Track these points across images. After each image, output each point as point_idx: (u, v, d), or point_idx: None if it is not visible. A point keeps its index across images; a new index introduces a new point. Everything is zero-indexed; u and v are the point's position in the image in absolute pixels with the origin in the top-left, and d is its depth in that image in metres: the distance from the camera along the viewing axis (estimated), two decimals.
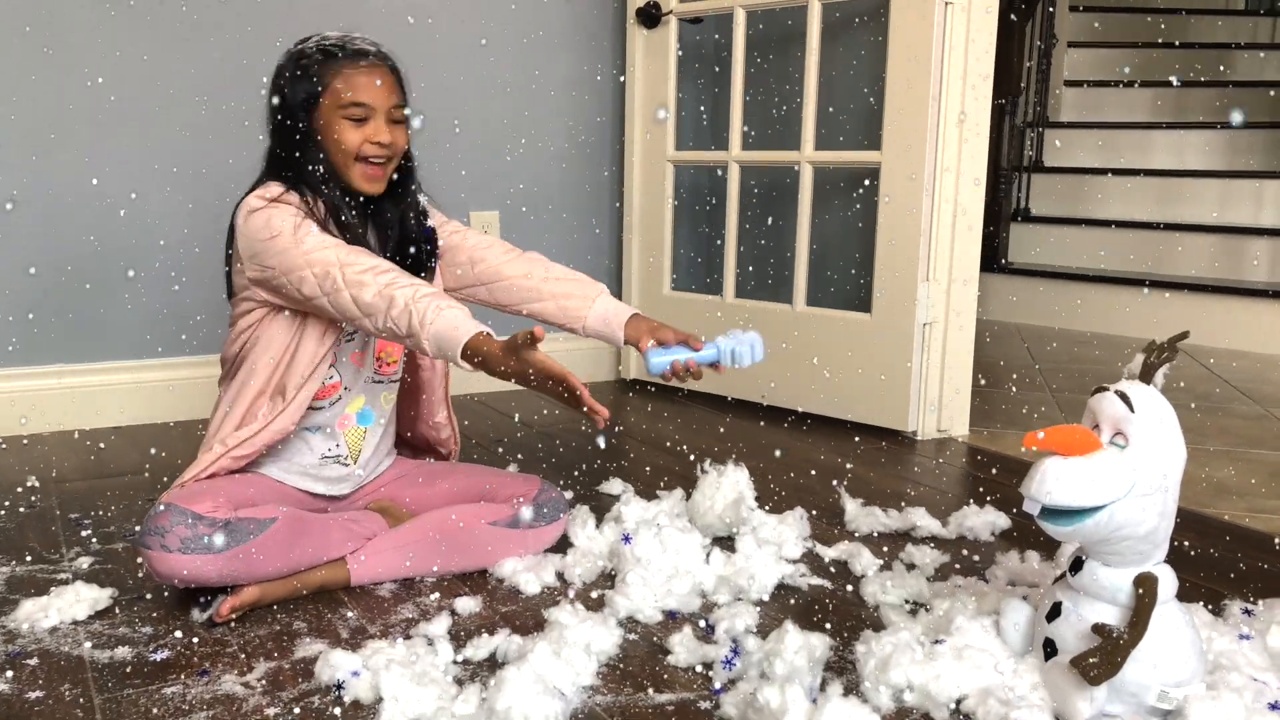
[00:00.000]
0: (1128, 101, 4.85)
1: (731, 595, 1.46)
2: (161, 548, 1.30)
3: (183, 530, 1.30)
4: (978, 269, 2.40)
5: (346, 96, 1.44)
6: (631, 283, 2.87)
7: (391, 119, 1.47)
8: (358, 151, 1.45)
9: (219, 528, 1.32)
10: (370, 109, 1.45)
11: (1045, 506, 1.10)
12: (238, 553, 1.33)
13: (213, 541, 1.31)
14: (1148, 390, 1.12)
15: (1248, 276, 3.93)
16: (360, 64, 1.45)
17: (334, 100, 1.44)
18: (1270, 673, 1.20)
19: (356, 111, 1.44)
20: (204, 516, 1.32)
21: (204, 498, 1.36)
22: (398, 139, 1.48)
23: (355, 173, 1.46)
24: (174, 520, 1.31)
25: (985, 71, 2.30)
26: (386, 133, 1.46)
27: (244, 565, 1.34)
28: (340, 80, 1.44)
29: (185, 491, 1.39)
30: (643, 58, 2.76)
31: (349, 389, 1.55)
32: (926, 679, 1.15)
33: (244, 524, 1.35)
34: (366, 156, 1.46)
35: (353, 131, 1.45)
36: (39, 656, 1.26)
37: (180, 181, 2.37)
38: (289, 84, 1.46)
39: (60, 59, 2.24)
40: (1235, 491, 2.04)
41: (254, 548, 1.34)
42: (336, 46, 1.47)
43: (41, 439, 2.25)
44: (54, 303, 2.30)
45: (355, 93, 1.44)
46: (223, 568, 1.33)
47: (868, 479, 2.07)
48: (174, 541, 1.30)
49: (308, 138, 1.45)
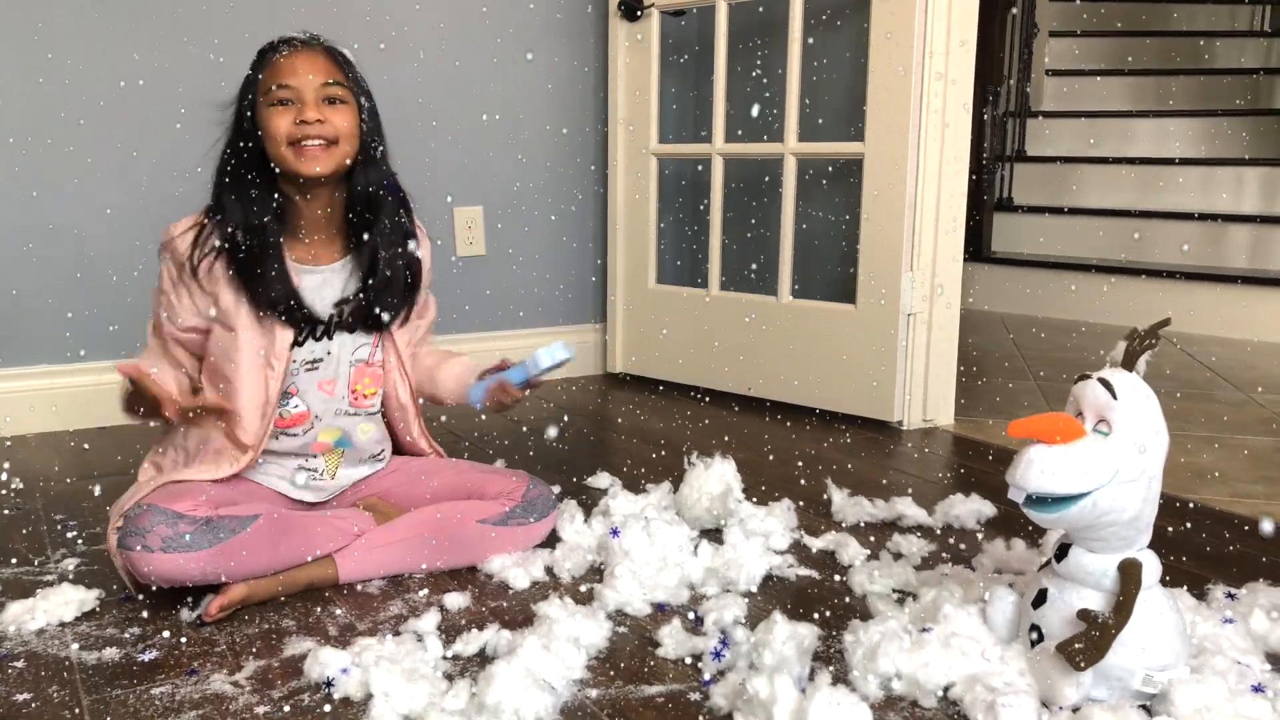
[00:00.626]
0: (1108, 90, 4.87)
1: (720, 587, 1.46)
2: (143, 548, 1.29)
3: (164, 529, 1.30)
4: (961, 258, 2.41)
5: (269, 83, 1.42)
6: (616, 277, 2.87)
7: (324, 98, 1.43)
8: (288, 135, 1.41)
9: (200, 525, 1.32)
10: (295, 90, 1.41)
11: (1030, 494, 1.10)
12: (220, 550, 1.33)
13: (195, 540, 1.31)
14: (1130, 377, 1.13)
15: (1229, 263, 3.95)
16: (284, 50, 1.44)
17: (263, 92, 1.43)
18: (1253, 655, 1.21)
19: (281, 94, 1.41)
20: (184, 515, 1.32)
21: (185, 497, 1.35)
22: (333, 118, 1.42)
23: (290, 158, 1.42)
24: (154, 520, 1.31)
25: (967, 61, 2.30)
26: (314, 111, 1.41)
27: (227, 563, 1.34)
28: (267, 71, 1.43)
29: (165, 492, 1.38)
30: (625, 51, 2.75)
31: (319, 418, 1.52)
32: (914, 667, 1.16)
33: (225, 521, 1.34)
34: (298, 138, 1.41)
35: (282, 116, 1.41)
36: (26, 659, 1.25)
37: (165, 180, 2.35)
38: (238, 97, 1.47)
39: (45, 60, 2.22)
40: (1218, 477, 2.06)
41: (236, 545, 1.34)
42: (270, 43, 1.47)
43: (25, 440, 2.24)
44: (34, 303, 2.28)
45: (277, 78, 1.42)
46: (205, 565, 1.32)
47: (854, 469, 2.08)
48: (155, 541, 1.30)
49: (249, 140, 1.44)
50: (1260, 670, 1.19)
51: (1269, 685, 1.14)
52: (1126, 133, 4.60)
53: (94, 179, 2.30)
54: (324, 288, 1.50)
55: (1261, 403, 2.70)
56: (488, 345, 2.80)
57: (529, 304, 2.87)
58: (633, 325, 2.87)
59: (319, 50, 1.46)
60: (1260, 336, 3.61)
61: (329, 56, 1.46)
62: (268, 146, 1.43)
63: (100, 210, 2.31)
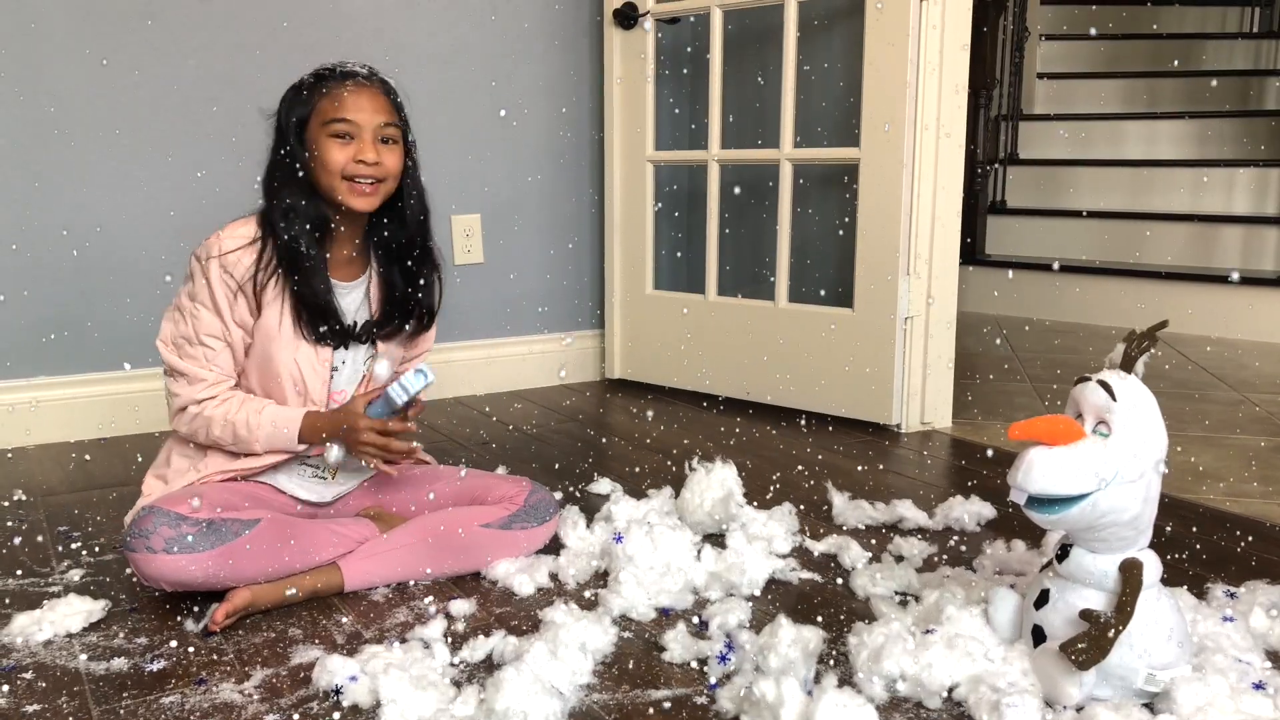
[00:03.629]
0: (1100, 93, 4.90)
1: (723, 591, 1.47)
2: (146, 549, 1.31)
3: (167, 530, 1.32)
4: (957, 262, 2.42)
5: (330, 114, 1.44)
6: (614, 283, 2.88)
7: (380, 138, 1.46)
8: (343, 170, 1.44)
9: (203, 527, 1.34)
10: (355, 126, 1.44)
11: (1031, 495, 1.12)
12: (223, 551, 1.34)
13: (197, 541, 1.33)
14: (1129, 379, 1.14)
15: (1221, 264, 3.98)
16: (347, 83, 1.46)
17: (320, 119, 1.45)
18: (1254, 653, 1.23)
19: (340, 127, 1.44)
20: (187, 517, 1.34)
21: (187, 500, 1.37)
22: (386, 159, 1.47)
23: (343, 190, 1.46)
24: (157, 522, 1.33)
25: (961, 65, 2.32)
26: (372, 151, 1.45)
27: (230, 566, 1.35)
28: (328, 100, 1.45)
29: (169, 495, 1.40)
30: (620, 58, 2.77)
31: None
32: (918, 668, 1.17)
33: (228, 523, 1.36)
34: (353, 175, 1.45)
35: (339, 150, 1.44)
36: (34, 670, 1.26)
37: (162, 192, 2.36)
38: (284, 110, 1.48)
39: (38, 68, 2.23)
40: (1214, 476, 2.07)
41: (239, 546, 1.35)
42: (328, 69, 1.48)
43: (26, 452, 2.24)
44: (36, 316, 2.28)
45: (339, 110, 1.44)
46: (208, 568, 1.33)
47: (854, 473, 2.09)
48: (158, 542, 1.31)
49: (299, 161, 1.46)
50: (1261, 668, 1.20)
51: (1270, 682, 1.16)
52: (1118, 135, 4.62)
53: (92, 188, 2.30)
54: (349, 301, 1.55)
55: (1256, 402, 2.71)
56: (486, 353, 2.81)
57: (527, 311, 2.88)
58: (631, 331, 2.88)
59: (379, 88, 1.49)
60: (1253, 336, 3.63)
61: (387, 96, 1.49)
62: (319, 173, 1.46)
63: (99, 220, 2.31)
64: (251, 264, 1.45)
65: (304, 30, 2.46)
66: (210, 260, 1.45)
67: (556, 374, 2.92)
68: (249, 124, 2.42)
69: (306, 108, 1.46)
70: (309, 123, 1.46)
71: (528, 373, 2.88)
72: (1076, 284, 4.06)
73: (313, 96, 1.46)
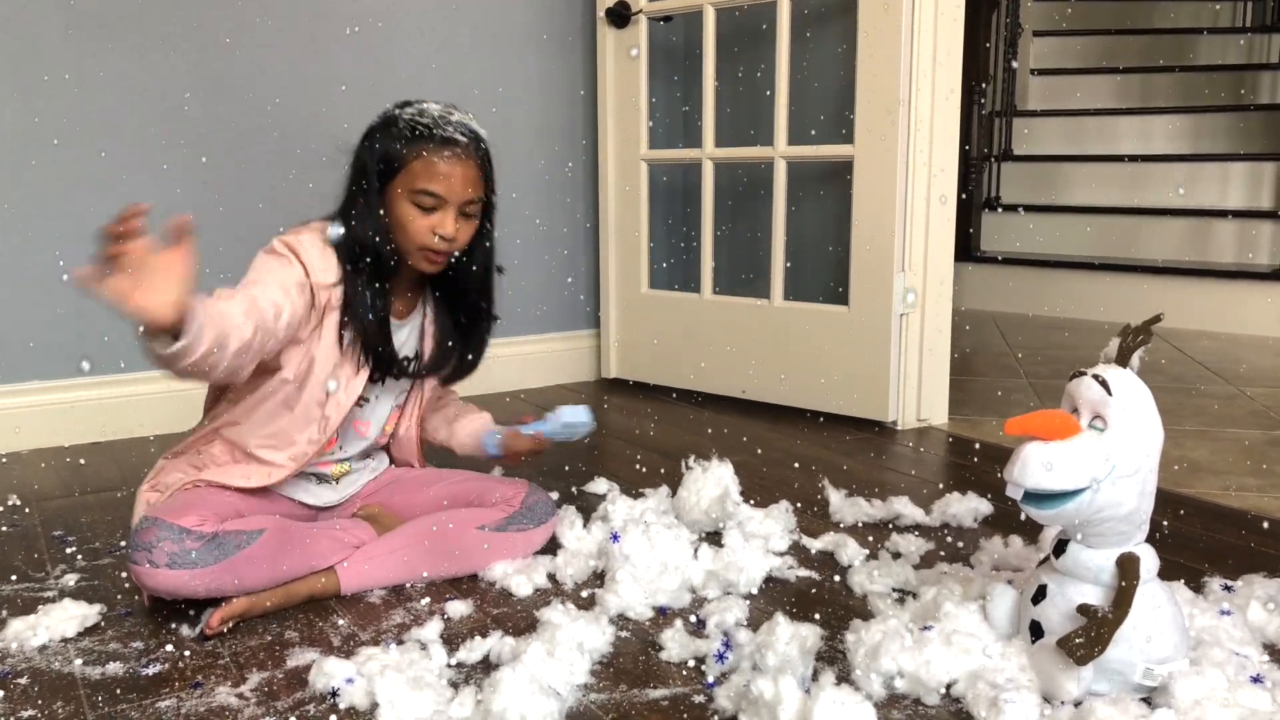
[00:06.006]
0: (1093, 88, 4.90)
1: (721, 589, 1.47)
2: (149, 563, 1.30)
3: (170, 545, 1.30)
4: (952, 258, 2.42)
5: (420, 183, 1.41)
6: (609, 282, 2.88)
7: (464, 212, 1.44)
8: (420, 241, 1.42)
9: (206, 541, 1.32)
10: (442, 200, 1.42)
11: (1028, 491, 1.11)
12: (226, 566, 1.33)
13: (200, 556, 1.31)
14: (1124, 373, 1.14)
15: (1215, 258, 3.98)
16: (444, 153, 1.41)
17: (408, 182, 1.41)
18: (1251, 646, 1.23)
19: (427, 201, 1.41)
20: (191, 530, 1.32)
21: (190, 511, 1.35)
22: (463, 234, 1.45)
23: (414, 255, 1.44)
24: (161, 535, 1.31)
25: (954, 62, 2.32)
26: (453, 226, 1.42)
27: (232, 578, 1.34)
28: (421, 164, 1.41)
29: (171, 504, 1.38)
30: (614, 57, 2.76)
31: (343, 448, 1.58)
32: (916, 665, 1.17)
33: (231, 536, 1.35)
34: (427, 245, 1.43)
35: (420, 219, 1.42)
36: (29, 675, 1.25)
37: (152, 193, 2.35)
38: (373, 147, 1.44)
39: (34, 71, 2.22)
40: (1210, 470, 2.07)
41: (242, 559, 1.34)
42: (429, 126, 1.42)
43: (19, 457, 2.23)
44: (27, 318, 2.28)
45: (430, 182, 1.41)
46: (210, 581, 1.33)
47: (850, 470, 2.09)
48: (161, 557, 1.30)
49: (378, 203, 1.43)
50: (1258, 661, 1.20)
51: (1267, 676, 1.16)
52: (1112, 130, 4.63)
53: (83, 192, 2.29)
54: (399, 337, 1.54)
55: (1251, 395, 2.72)
56: None
57: (523, 312, 2.88)
58: (626, 331, 2.88)
59: (474, 159, 1.44)
60: (1248, 330, 3.64)
61: (481, 168, 1.46)
62: (395, 231, 1.43)
63: (91, 223, 2.30)
64: (331, 284, 1.42)
65: (295, 30, 2.45)
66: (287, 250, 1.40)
67: (552, 374, 2.92)
68: (241, 124, 2.42)
69: (397, 162, 1.42)
70: (395, 177, 1.42)
71: (524, 373, 2.87)
72: (1071, 279, 4.07)
73: (406, 153, 1.42)
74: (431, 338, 1.59)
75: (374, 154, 1.43)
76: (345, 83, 2.51)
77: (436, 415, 1.73)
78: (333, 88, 2.50)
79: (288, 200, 2.48)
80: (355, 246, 1.42)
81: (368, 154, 1.44)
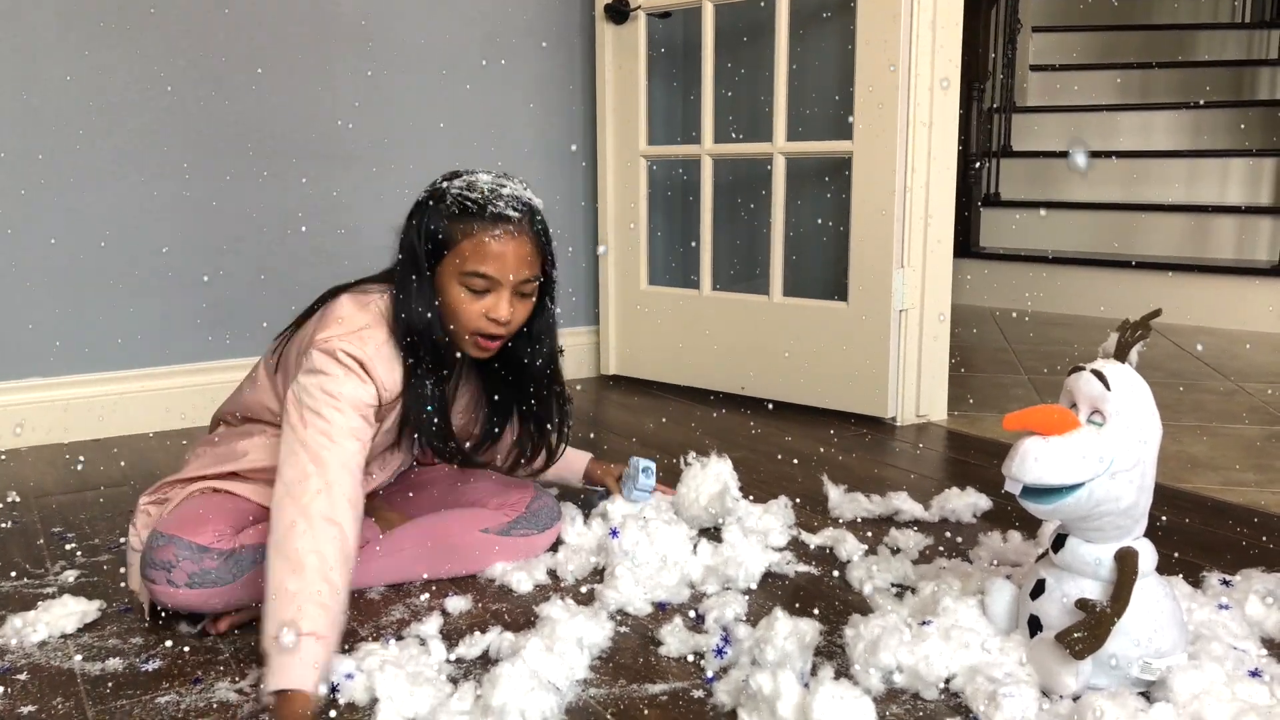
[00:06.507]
0: (1092, 84, 4.90)
1: (719, 585, 1.47)
2: (168, 583, 1.29)
3: (189, 565, 1.29)
4: (951, 254, 2.42)
5: (470, 265, 1.31)
6: (609, 279, 2.88)
7: (519, 292, 1.35)
8: (474, 327, 1.34)
9: (224, 558, 1.30)
10: (494, 282, 1.33)
11: (1026, 486, 1.11)
12: (244, 582, 1.31)
13: (220, 575, 1.30)
14: (1123, 368, 1.14)
15: (1215, 254, 3.98)
16: (495, 231, 1.32)
17: (458, 263, 1.32)
18: (1249, 641, 1.23)
19: (479, 283, 1.32)
20: (209, 549, 1.29)
21: (206, 527, 1.32)
22: (518, 314, 1.36)
23: (466, 342, 1.36)
24: (180, 555, 1.29)
25: (953, 58, 2.32)
26: (507, 309, 1.33)
27: (250, 592, 1.32)
28: (470, 244, 1.31)
29: (185, 518, 1.33)
30: (612, 53, 2.76)
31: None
32: (915, 660, 1.17)
33: (248, 552, 1.32)
34: (479, 330, 1.35)
35: (471, 303, 1.33)
36: (29, 671, 1.25)
37: (152, 192, 2.35)
38: (420, 226, 1.34)
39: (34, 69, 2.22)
40: (1209, 465, 2.07)
41: (259, 575, 1.31)
42: (478, 203, 1.33)
43: (19, 454, 2.23)
44: (27, 316, 2.28)
45: (481, 264, 1.31)
46: (229, 597, 1.32)
47: (849, 465, 2.09)
48: (180, 576, 1.28)
49: (429, 283, 1.34)
50: (1257, 655, 1.20)
51: (1265, 670, 1.16)
52: (1111, 126, 4.63)
53: (81, 189, 2.29)
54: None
55: (1250, 391, 2.72)
56: None
57: None
58: (626, 327, 2.88)
59: (528, 235, 1.34)
60: (1247, 326, 3.64)
61: (536, 244, 1.36)
62: (446, 315, 1.35)
63: (92, 222, 2.31)
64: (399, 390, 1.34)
65: (290, 28, 2.45)
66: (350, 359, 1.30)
67: None
68: (237, 126, 2.42)
69: (445, 242, 1.33)
70: (443, 259, 1.33)
71: None
72: (1070, 275, 4.07)
73: (454, 231, 1.32)
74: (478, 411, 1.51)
75: (421, 234, 1.34)
76: (342, 81, 2.51)
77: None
78: (330, 85, 2.50)
79: (288, 197, 2.48)
80: (412, 337, 1.33)
81: (415, 234, 1.34)
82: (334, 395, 1.27)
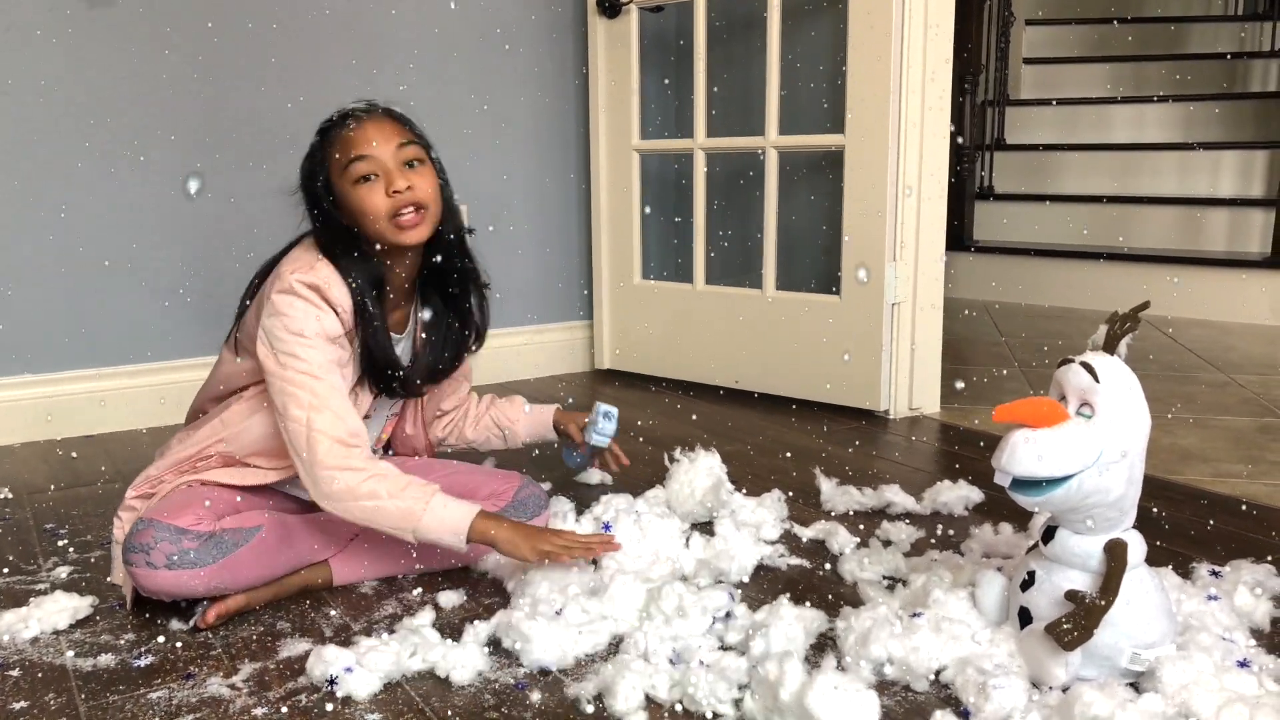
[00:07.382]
0: (1085, 77, 4.90)
1: (712, 578, 1.47)
2: (147, 565, 1.29)
3: (167, 546, 1.29)
4: (944, 247, 2.43)
5: (345, 157, 1.37)
6: (601, 273, 2.88)
7: (403, 162, 1.39)
8: (386, 210, 1.37)
9: (204, 541, 1.31)
10: (376, 161, 1.37)
11: (1016, 478, 1.12)
12: (224, 565, 1.32)
13: (199, 556, 1.31)
14: (1112, 360, 1.14)
15: (1207, 246, 3.99)
16: (349, 123, 1.39)
17: (339, 168, 1.38)
18: (1238, 631, 1.23)
19: (361, 167, 1.37)
20: (188, 530, 1.31)
21: (187, 511, 1.33)
22: (417, 182, 1.39)
23: (391, 232, 1.39)
24: (158, 536, 1.30)
25: (945, 51, 2.32)
26: (401, 178, 1.37)
27: (230, 576, 1.33)
28: (338, 145, 1.39)
29: (168, 504, 1.36)
30: (605, 48, 2.76)
31: None
32: (906, 651, 1.18)
33: (229, 535, 1.34)
34: (394, 211, 1.37)
35: (370, 192, 1.37)
36: (21, 667, 1.26)
37: (149, 188, 2.35)
38: (306, 177, 1.42)
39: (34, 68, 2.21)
40: (1199, 457, 2.08)
41: (239, 557, 1.34)
42: (331, 118, 1.42)
43: (11, 450, 2.23)
44: (20, 312, 2.27)
45: (352, 149, 1.37)
46: (209, 580, 1.32)
47: (842, 459, 2.10)
48: (159, 558, 1.29)
49: (333, 204, 1.40)
50: (1245, 646, 1.21)
51: (1254, 660, 1.16)
52: (1104, 119, 4.63)
53: (75, 185, 2.29)
54: (400, 351, 1.51)
55: (1242, 383, 2.72)
56: None
57: (515, 302, 2.87)
58: (619, 321, 2.88)
59: (384, 118, 1.41)
60: (1238, 318, 3.64)
61: (393, 118, 1.42)
62: (363, 224, 1.39)
63: (87, 218, 2.30)
64: (351, 314, 1.39)
65: (282, 25, 2.45)
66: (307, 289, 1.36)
67: (545, 366, 2.92)
68: (229, 119, 2.41)
69: (324, 164, 1.40)
70: (332, 178, 1.40)
71: (516, 365, 2.87)
72: (1064, 268, 4.07)
73: (324, 151, 1.40)
74: (427, 335, 1.55)
75: (309, 179, 1.42)
76: (337, 73, 2.51)
77: (468, 424, 1.75)
78: (325, 78, 2.49)
79: (282, 193, 2.47)
80: (343, 259, 1.39)
81: (306, 176, 1.42)
82: (299, 334, 1.35)
